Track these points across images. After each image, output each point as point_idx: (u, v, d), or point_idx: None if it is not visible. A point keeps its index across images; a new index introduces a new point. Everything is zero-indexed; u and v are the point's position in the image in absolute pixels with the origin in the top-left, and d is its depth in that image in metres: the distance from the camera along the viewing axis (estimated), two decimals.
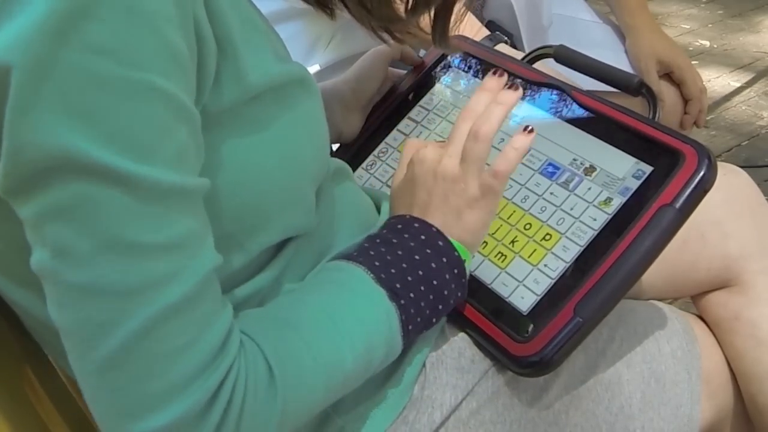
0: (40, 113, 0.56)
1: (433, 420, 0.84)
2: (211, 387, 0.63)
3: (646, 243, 0.85)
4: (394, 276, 0.76)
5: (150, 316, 0.60)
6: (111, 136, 0.57)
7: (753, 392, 1.02)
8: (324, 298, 0.75)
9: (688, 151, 0.88)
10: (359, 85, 1.14)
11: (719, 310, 1.04)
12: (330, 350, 0.71)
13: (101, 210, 0.58)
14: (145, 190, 0.59)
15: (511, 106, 0.82)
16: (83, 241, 0.59)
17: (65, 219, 0.58)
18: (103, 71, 0.56)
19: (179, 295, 0.61)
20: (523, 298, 0.88)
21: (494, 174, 0.80)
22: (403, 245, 0.79)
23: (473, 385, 0.86)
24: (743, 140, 2.77)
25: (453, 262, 0.79)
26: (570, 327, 0.83)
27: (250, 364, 0.66)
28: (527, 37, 1.53)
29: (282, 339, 0.69)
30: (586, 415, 0.90)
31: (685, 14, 3.79)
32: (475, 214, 0.81)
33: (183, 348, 0.62)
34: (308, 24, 1.46)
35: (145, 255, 0.60)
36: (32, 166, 0.57)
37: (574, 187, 0.94)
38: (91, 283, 0.59)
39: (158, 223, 0.60)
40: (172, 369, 0.61)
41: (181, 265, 0.61)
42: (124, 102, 0.57)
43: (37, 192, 0.58)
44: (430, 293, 0.78)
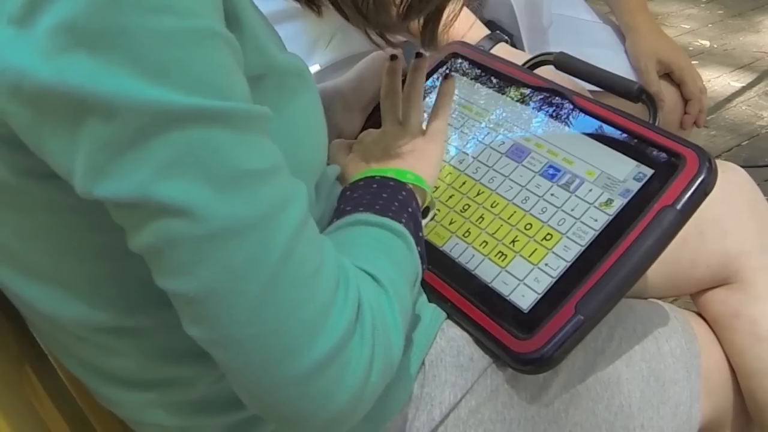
0: (118, 81, 0.56)
1: (433, 418, 0.84)
2: (353, 297, 0.65)
3: (648, 243, 0.85)
4: (382, 209, 0.80)
5: (286, 239, 0.61)
6: (193, 84, 0.58)
7: (753, 389, 1.02)
8: (351, 233, 0.77)
9: (689, 154, 0.89)
10: (360, 86, 1.15)
11: (719, 307, 1.04)
12: (393, 262, 0.74)
13: (207, 150, 0.58)
14: (238, 121, 0.60)
15: (425, 68, 0.96)
16: (203, 188, 0.58)
17: (177, 173, 0.58)
18: (166, 27, 0.57)
19: (300, 214, 0.63)
20: (523, 297, 0.88)
21: (434, 116, 0.94)
22: (367, 191, 0.84)
23: (472, 383, 0.86)
24: (743, 140, 2.77)
25: (409, 192, 0.85)
26: (571, 324, 0.83)
27: (359, 275, 0.68)
28: (527, 37, 1.53)
29: (360, 257, 0.72)
30: (586, 414, 0.90)
31: (685, 14, 3.79)
32: (429, 147, 0.92)
33: (318, 266, 0.63)
34: (308, 24, 1.46)
35: (262, 182, 0.60)
36: (125, 132, 0.57)
37: (575, 188, 0.94)
38: (223, 226, 0.59)
39: (260, 149, 0.61)
40: (318, 289, 0.63)
41: (289, 185, 0.63)
42: (194, 51, 0.58)
43: (137, 159, 0.57)
44: (411, 220, 0.81)
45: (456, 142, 1.06)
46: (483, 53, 1.17)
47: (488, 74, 1.11)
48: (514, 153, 1.00)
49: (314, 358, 0.62)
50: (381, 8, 0.79)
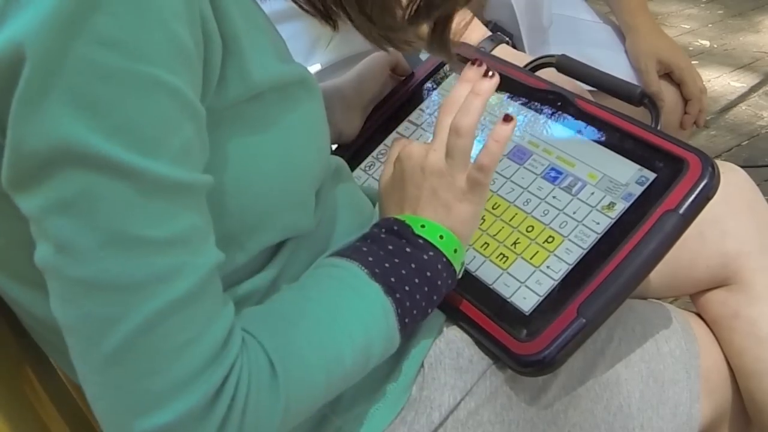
0: (47, 104, 0.56)
1: (432, 420, 0.84)
2: (215, 383, 0.62)
3: (650, 247, 0.85)
4: (387, 270, 0.76)
5: (153, 311, 0.60)
6: (116, 129, 0.57)
7: (752, 390, 1.02)
8: (322, 294, 0.75)
9: (692, 159, 0.89)
10: (361, 85, 1.15)
11: (718, 308, 1.04)
12: (330, 346, 0.71)
13: (105, 204, 0.58)
14: (149, 183, 0.59)
15: (488, 95, 0.83)
16: (86, 236, 0.58)
17: (68, 213, 0.58)
18: (110, 64, 0.56)
19: (183, 290, 0.61)
20: (525, 299, 0.88)
21: (479, 168, 0.81)
22: (392, 241, 0.79)
23: (472, 386, 0.86)
24: (743, 140, 2.77)
25: (442, 252, 0.80)
26: (573, 327, 0.83)
27: (252, 360, 0.66)
28: (527, 38, 1.53)
29: (283, 335, 0.70)
30: (585, 415, 0.90)
31: (685, 14, 3.79)
32: (465, 207, 0.81)
33: (186, 344, 0.62)
34: (309, 24, 1.45)
35: (149, 250, 0.60)
36: (36, 157, 0.57)
37: (577, 191, 0.94)
38: (94, 277, 0.59)
39: (162, 218, 0.60)
40: (176, 365, 0.61)
41: (184, 260, 0.61)
42: (130, 95, 0.57)
43: (41, 185, 0.58)
44: (425, 285, 0.78)
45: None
46: (484, 55, 1.17)
47: None
48: (516, 155, 1.00)
49: (149, 426, 0.61)
50: (386, 11, 0.79)
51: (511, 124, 0.81)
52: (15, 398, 0.84)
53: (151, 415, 0.61)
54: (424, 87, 1.15)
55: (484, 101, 0.82)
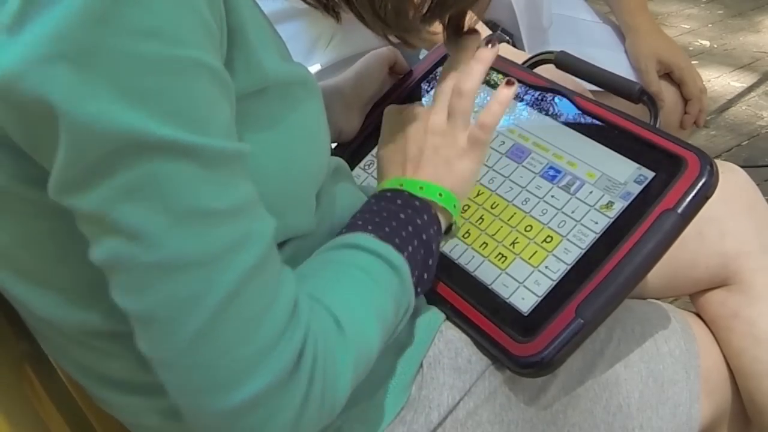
0: (96, 101, 0.56)
1: (431, 420, 0.84)
2: (297, 343, 0.64)
3: (649, 246, 0.85)
4: (390, 233, 0.78)
5: (233, 281, 0.61)
6: (168, 114, 0.58)
7: (751, 390, 1.02)
8: (344, 256, 0.76)
9: (690, 157, 0.88)
10: (360, 84, 1.15)
11: (717, 308, 1.04)
12: (372, 298, 0.73)
13: (171, 183, 0.59)
14: (208, 158, 0.60)
15: (489, 61, 0.86)
16: (158, 218, 0.59)
17: (137, 198, 0.59)
18: (150, 53, 0.57)
19: (255, 256, 0.62)
20: (523, 299, 0.88)
21: (480, 126, 0.85)
22: (387, 208, 0.81)
23: (470, 386, 0.86)
24: (743, 140, 2.77)
25: (432, 218, 0.82)
26: (572, 328, 0.83)
27: (320, 319, 0.67)
28: (527, 38, 1.53)
29: (332, 291, 0.71)
30: (584, 415, 0.90)
31: (685, 14, 3.78)
32: (465, 163, 0.85)
33: (265, 309, 0.63)
34: (308, 24, 1.46)
35: (219, 221, 0.61)
36: (96, 152, 0.57)
37: (576, 190, 0.94)
38: (172, 258, 0.60)
39: (225, 189, 0.61)
40: (260, 332, 0.62)
41: (250, 227, 0.63)
42: (175, 80, 0.58)
43: (104, 178, 0.58)
44: (422, 248, 0.80)
45: None
46: None
47: (490, 73, 1.11)
48: (514, 153, 1.00)
49: (242, 397, 0.62)
50: (400, 12, 0.79)
51: (513, 88, 0.85)
52: (15, 398, 0.84)
53: (243, 384, 0.62)
54: (422, 85, 1.15)
55: (486, 67, 0.86)
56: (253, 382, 0.62)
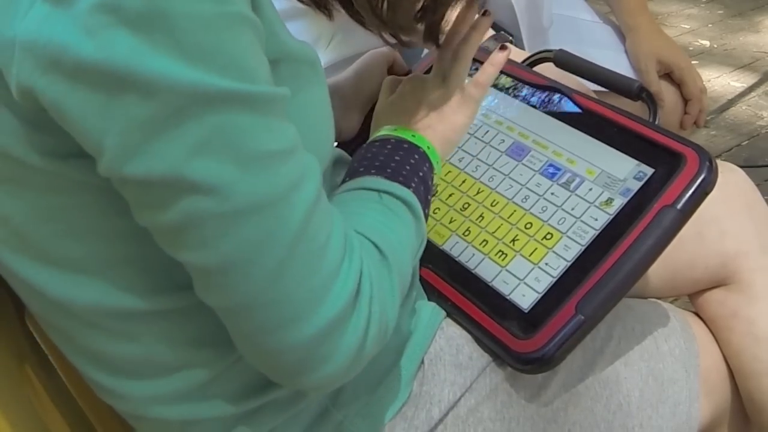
0: (157, 61, 0.58)
1: (432, 416, 0.84)
2: (356, 269, 0.68)
3: (648, 242, 0.85)
4: (392, 173, 0.82)
5: (300, 216, 0.65)
6: (224, 66, 0.60)
7: (750, 389, 1.02)
8: (360, 195, 0.80)
9: (689, 153, 0.89)
10: (359, 83, 1.15)
11: (717, 307, 1.04)
12: (397, 230, 0.77)
13: (235, 132, 0.62)
14: (262, 104, 0.63)
15: (485, 29, 0.92)
16: (229, 167, 0.62)
17: (208, 152, 0.61)
18: (203, 11, 0.59)
19: (314, 189, 0.67)
20: (524, 296, 0.88)
21: (475, 83, 0.90)
22: (381, 152, 0.85)
23: (471, 382, 0.87)
24: (743, 140, 2.77)
25: (423, 156, 0.86)
26: (572, 324, 0.84)
27: (365, 247, 0.72)
28: (528, 38, 1.53)
29: (365, 224, 0.75)
30: (585, 413, 0.90)
31: (685, 14, 3.78)
32: (458, 117, 0.90)
33: (327, 239, 0.67)
34: (308, 24, 1.46)
35: (280, 162, 0.64)
36: (163, 110, 0.59)
37: (575, 187, 0.94)
38: (245, 203, 0.63)
39: (279, 131, 0.64)
40: (324, 261, 0.66)
41: (304, 163, 0.67)
42: (227, 35, 0.61)
43: (172, 138, 0.60)
44: (421, 184, 0.83)
45: None
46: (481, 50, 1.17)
47: None
48: (513, 151, 1.01)
49: (318, 324, 0.66)
50: (397, 10, 0.81)
51: (506, 52, 0.92)
52: (15, 398, 0.84)
53: (316, 314, 0.66)
54: None
55: (482, 36, 0.92)
56: (324, 310, 0.66)
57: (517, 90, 1.06)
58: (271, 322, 0.66)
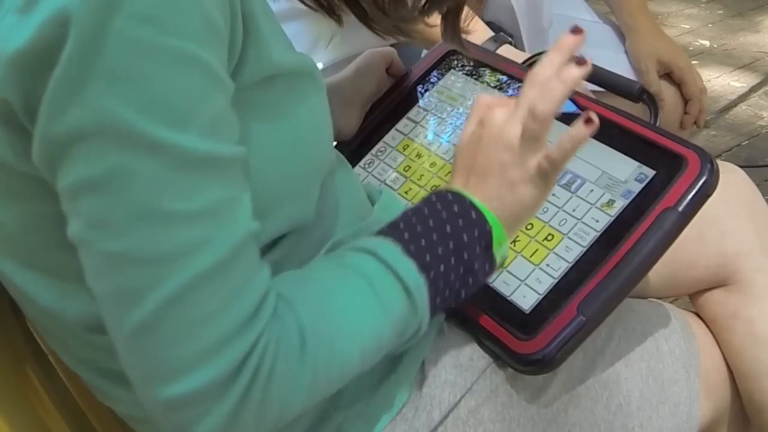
0: (86, 79, 0.57)
1: (432, 418, 0.84)
2: (240, 353, 0.63)
3: (650, 244, 0.85)
4: (423, 248, 0.75)
5: (181, 283, 0.61)
6: (149, 103, 0.58)
7: (750, 390, 1.02)
8: (359, 265, 0.74)
9: (691, 156, 0.89)
10: (359, 82, 1.15)
11: (717, 308, 1.04)
12: (365, 315, 0.71)
13: (136, 180, 0.59)
14: (178, 158, 0.60)
15: (573, 84, 0.78)
16: (118, 212, 0.60)
17: (100, 191, 0.60)
18: (145, 38, 0.57)
19: (210, 262, 0.62)
20: (525, 297, 0.88)
21: (547, 157, 0.78)
22: (435, 216, 0.78)
23: (472, 384, 0.86)
24: (743, 140, 2.77)
25: (484, 235, 0.78)
26: (573, 325, 0.84)
27: (282, 330, 0.66)
28: (528, 38, 1.53)
29: (318, 304, 0.70)
30: (585, 414, 0.90)
31: (685, 14, 3.78)
32: (529, 189, 0.79)
33: (214, 314, 0.63)
34: (308, 24, 1.46)
35: (177, 223, 0.61)
36: (71, 132, 0.58)
37: (576, 188, 0.94)
38: (125, 251, 0.61)
39: (190, 192, 0.61)
40: (203, 334, 0.62)
41: (212, 233, 0.62)
42: (164, 69, 0.58)
43: (73, 162, 0.60)
44: (461, 266, 0.77)
45: (457, 140, 1.06)
46: (482, 50, 1.17)
47: (488, 73, 1.11)
48: None
49: (176, 392, 0.63)
50: (399, 2, 0.80)
51: (592, 127, 0.76)
52: (15, 398, 0.84)
53: (177, 381, 0.63)
54: (422, 84, 1.16)
55: (569, 90, 0.78)
56: (187, 380, 0.63)
57: (518, 91, 1.06)
58: (135, 371, 0.65)
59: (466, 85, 1.12)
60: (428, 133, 1.10)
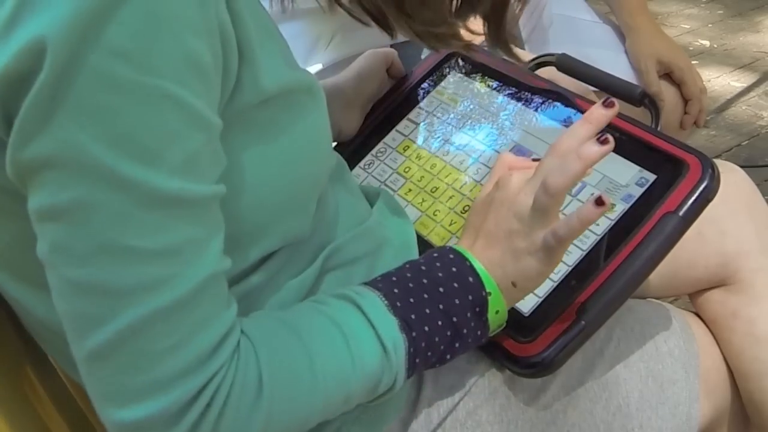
0: (55, 109, 0.57)
1: (430, 420, 0.84)
2: (192, 389, 0.63)
3: (650, 249, 0.85)
4: (411, 306, 0.74)
5: (138, 317, 0.61)
6: (117, 139, 0.58)
7: (750, 390, 1.02)
8: (338, 314, 0.73)
9: (692, 160, 0.89)
10: (360, 83, 1.15)
11: (717, 308, 1.04)
12: (334, 368, 0.70)
13: (99, 213, 0.59)
14: (145, 195, 0.59)
15: (591, 163, 0.75)
16: (79, 242, 0.60)
17: (62, 220, 0.60)
18: (117, 74, 0.57)
19: (170, 300, 0.62)
20: (524, 300, 0.88)
21: (553, 233, 0.75)
22: (431, 275, 0.77)
23: (470, 386, 0.86)
24: (743, 140, 2.77)
25: (478, 300, 0.77)
26: (573, 329, 0.83)
27: (239, 372, 0.66)
28: (528, 38, 1.53)
29: (284, 349, 0.69)
30: (584, 415, 0.90)
31: (685, 14, 3.78)
32: (533, 262, 0.77)
33: (170, 349, 0.63)
34: (309, 24, 1.46)
35: (139, 259, 0.61)
36: (36, 159, 0.58)
37: (577, 192, 0.94)
38: (84, 280, 0.61)
39: (155, 230, 0.61)
40: (156, 367, 0.63)
41: (174, 271, 0.62)
42: (135, 106, 0.57)
43: (38, 188, 0.59)
44: (448, 329, 0.75)
45: (457, 143, 1.06)
46: (483, 52, 1.17)
47: (489, 75, 1.11)
48: (515, 154, 1.00)
49: (125, 418, 0.63)
50: (424, 6, 0.77)
51: (602, 209, 0.73)
52: (15, 398, 0.84)
53: (127, 408, 0.63)
54: (423, 85, 1.16)
55: (586, 167, 0.75)
56: (136, 409, 0.63)
57: (519, 94, 1.06)
58: (89, 389, 0.65)
59: (468, 87, 1.11)
60: (428, 134, 1.10)
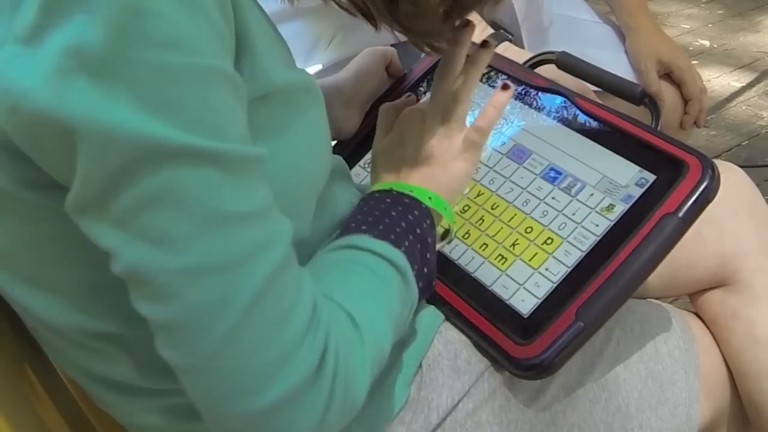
0: (117, 112, 0.56)
1: (430, 421, 0.84)
2: (319, 344, 0.64)
3: (649, 250, 0.85)
4: (384, 230, 0.78)
5: (258, 284, 0.61)
6: (189, 121, 0.58)
7: (750, 390, 1.02)
8: (350, 256, 0.76)
9: (692, 161, 0.88)
10: (359, 82, 1.15)
11: (716, 308, 1.04)
12: (381, 295, 0.74)
13: (194, 189, 0.59)
14: (228, 163, 0.60)
15: (484, 65, 0.88)
16: (183, 223, 0.59)
17: (162, 205, 0.59)
18: (169, 63, 0.57)
19: (279, 256, 0.63)
20: (523, 301, 0.88)
21: (476, 129, 0.86)
22: (377, 208, 0.82)
23: (470, 387, 0.86)
24: (743, 140, 2.77)
25: (424, 212, 0.83)
26: (572, 331, 0.83)
27: (337, 317, 0.68)
28: (528, 38, 1.53)
29: (344, 291, 0.71)
30: (584, 416, 0.90)
31: (685, 14, 3.78)
32: (460, 164, 0.87)
33: (288, 311, 0.63)
34: (309, 24, 1.46)
35: (242, 225, 0.61)
36: (118, 162, 0.58)
37: (576, 192, 0.94)
38: (198, 263, 0.60)
39: (246, 193, 0.62)
40: (284, 334, 0.62)
41: (271, 228, 0.63)
42: (195, 88, 0.58)
43: (126, 188, 0.58)
44: (417, 242, 0.80)
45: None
46: None
47: (488, 73, 1.11)
48: (515, 154, 1.00)
49: (270, 399, 0.62)
50: (418, 17, 0.79)
51: (509, 92, 0.87)
52: (15, 398, 0.84)
53: (270, 387, 0.62)
54: (422, 84, 1.15)
55: (481, 70, 0.88)
56: (279, 384, 0.62)
57: (518, 92, 1.06)
58: (220, 389, 0.63)
59: None
60: None
